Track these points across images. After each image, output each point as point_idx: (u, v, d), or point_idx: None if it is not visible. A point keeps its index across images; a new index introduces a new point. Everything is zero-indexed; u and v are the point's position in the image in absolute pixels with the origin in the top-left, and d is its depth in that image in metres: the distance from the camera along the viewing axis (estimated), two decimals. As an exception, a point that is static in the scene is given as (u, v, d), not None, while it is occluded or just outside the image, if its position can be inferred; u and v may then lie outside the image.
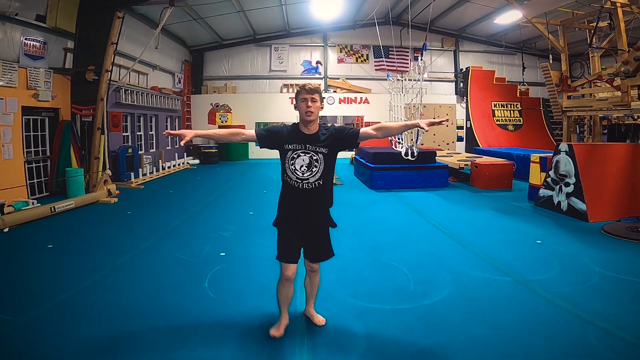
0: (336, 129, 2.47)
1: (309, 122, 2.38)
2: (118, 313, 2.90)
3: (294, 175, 2.38)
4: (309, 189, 2.38)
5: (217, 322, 2.77)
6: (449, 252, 4.28)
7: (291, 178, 2.39)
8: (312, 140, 2.39)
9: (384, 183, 8.35)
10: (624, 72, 6.64)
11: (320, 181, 2.39)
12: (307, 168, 2.37)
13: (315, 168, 2.38)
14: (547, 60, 10.08)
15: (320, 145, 2.39)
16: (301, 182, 2.37)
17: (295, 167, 2.38)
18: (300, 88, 2.40)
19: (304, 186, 2.38)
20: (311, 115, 2.35)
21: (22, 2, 6.91)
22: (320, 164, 2.38)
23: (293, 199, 2.44)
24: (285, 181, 2.44)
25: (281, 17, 13.91)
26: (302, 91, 2.37)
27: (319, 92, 2.40)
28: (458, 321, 2.75)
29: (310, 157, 2.37)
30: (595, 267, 3.74)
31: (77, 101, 7.96)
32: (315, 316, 2.75)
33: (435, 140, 14.94)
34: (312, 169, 2.38)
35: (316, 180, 2.38)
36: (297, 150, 2.38)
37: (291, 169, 2.39)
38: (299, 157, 2.38)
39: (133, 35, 10.59)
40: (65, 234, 5.12)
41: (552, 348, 2.40)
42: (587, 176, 5.67)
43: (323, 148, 2.39)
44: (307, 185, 2.38)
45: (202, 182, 9.80)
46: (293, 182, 2.39)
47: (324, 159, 2.39)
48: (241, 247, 4.49)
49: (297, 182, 2.38)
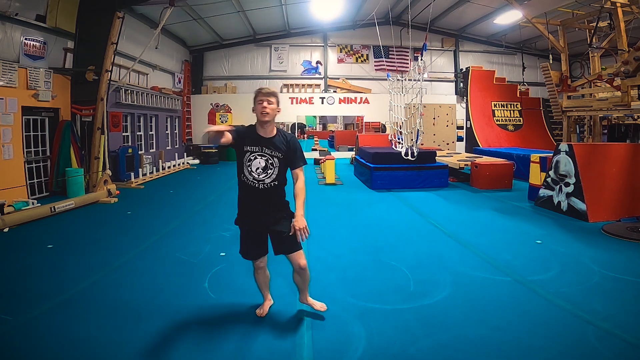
0: (291, 146, 2.55)
1: (265, 122, 2.47)
2: (118, 313, 2.90)
3: (250, 175, 2.48)
4: (265, 189, 2.49)
5: (217, 322, 2.77)
6: (449, 252, 4.28)
7: (248, 178, 2.48)
8: (269, 144, 2.49)
9: (384, 183, 8.34)
10: (624, 72, 6.64)
11: (276, 182, 2.51)
12: (262, 170, 2.48)
13: (270, 170, 2.49)
14: (547, 60, 10.09)
15: (275, 150, 2.49)
16: (257, 182, 2.47)
17: (252, 168, 2.47)
18: (257, 91, 2.50)
19: (259, 186, 2.48)
20: (266, 116, 2.45)
21: (22, 2, 6.91)
22: (276, 167, 2.49)
23: (251, 197, 2.52)
24: (242, 180, 2.52)
25: (281, 17, 13.91)
26: (259, 94, 2.48)
27: (276, 96, 2.52)
28: (458, 321, 2.75)
29: (266, 161, 2.48)
30: (595, 267, 3.74)
31: (77, 101, 7.97)
32: (315, 303, 2.84)
33: (435, 140, 14.93)
34: (268, 171, 2.48)
35: (272, 181, 2.49)
36: (255, 153, 2.47)
37: (248, 170, 2.48)
38: (256, 159, 2.47)
39: (133, 35, 10.59)
40: (65, 234, 5.12)
41: (552, 348, 2.40)
42: (587, 176, 5.67)
43: (279, 153, 2.50)
44: (262, 186, 2.48)
45: (202, 182, 9.80)
46: (250, 181, 2.48)
47: (279, 163, 2.50)
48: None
49: (254, 182, 2.48)
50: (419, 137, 7.75)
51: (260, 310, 2.86)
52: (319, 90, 15.79)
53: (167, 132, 13.31)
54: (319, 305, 2.84)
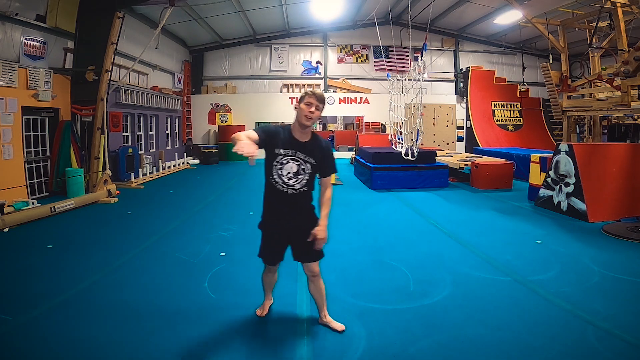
0: (326, 152, 2.45)
1: (306, 127, 2.34)
2: (118, 313, 2.90)
3: (280, 179, 2.36)
4: (294, 194, 2.38)
5: (217, 322, 2.77)
6: (449, 252, 4.28)
7: (277, 182, 2.37)
8: (304, 149, 2.36)
9: (384, 183, 8.34)
10: (624, 72, 6.64)
11: (305, 188, 2.40)
12: (293, 175, 2.36)
13: (302, 176, 2.37)
14: (547, 60, 10.09)
15: (310, 156, 2.37)
16: (287, 187, 2.36)
17: (282, 172, 2.35)
18: (311, 93, 2.35)
19: (288, 191, 2.37)
20: (310, 121, 2.32)
21: (22, 2, 6.91)
22: (307, 174, 2.38)
23: (278, 201, 2.42)
24: (270, 183, 2.41)
25: (281, 17, 13.91)
26: (312, 96, 2.33)
27: (324, 103, 2.39)
28: (458, 321, 2.75)
29: (298, 166, 2.36)
30: (595, 267, 3.74)
31: (77, 101, 7.96)
32: (333, 323, 2.70)
33: (435, 140, 14.93)
34: (299, 177, 2.37)
35: (301, 187, 2.38)
36: (288, 156, 2.35)
37: (278, 173, 2.36)
38: (288, 163, 2.35)
39: (133, 35, 10.59)
40: (65, 234, 5.12)
41: (552, 348, 2.40)
42: (587, 176, 5.67)
43: (312, 159, 2.38)
44: (291, 191, 2.37)
45: (202, 182, 9.80)
46: (279, 185, 2.37)
47: (311, 169, 2.39)
48: (241, 247, 4.48)
49: (283, 187, 2.37)
50: (419, 137, 7.75)
51: (260, 310, 2.85)
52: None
53: (167, 132, 13.31)
54: (337, 326, 2.67)
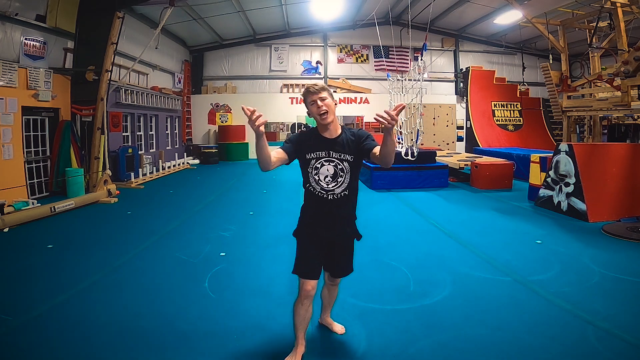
0: (361, 135, 2.21)
1: (328, 123, 2.14)
2: (118, 313, 2.90)
3: (318, 185, 2.16)
4: (335, 199, 2.17)
5: (217, 322, 2.77)
6: (449, 252, 4.28)
7: (315, 188, 2.17)
8: (336, 147, 2.15)
9: (384, 183, 8.35)
10: (624, 72, 6.64)
11: (347, 191, 2.18)
12: (332, 179, 2.15)
13: (341, 178, 2.16)
14: (547, 60, 10.08)
15: (344, 152, 2.15)
16: (326, 192, 2.16)
17: (319, 177, 2.15)
18: (305, 91, 2.17)
19: (329, 197, 2.16)
20: (327, 116, 2.11)
21: (22, 2, 6.90)
22: (346, 174, 2.16)
23: (318, 209, 2.21)
24: (309, 190, 2.21)
25: (281, 17, 13.91)
26: (308, 94, 2.15)
27: (327, 89, 2.16)
28: (458, 321, 2.75)
29: (335, 167, 2.14)
30: (595, 267, 3.74)
31: (77, 101, 7.96)
32: (334, 325, 2.65)
33: (435, 140, 14.94)
34: (338, 179, 2.15)
35: (342, 190, 2.17)
36: (321, 159, 2.15)
37: (315, 179, 2.16)
38: (323, 166, 2.15)
39: (133, 35, 10.58)
40: (65, 234, 5.12)
41: (552, 348, 2.40)
42: (587, 176, 5.67)
43: (348, 155, 2.16)
44: (332, 196, 2.16)
45: (202, 182, 9.80)
46: (317, 192, 2.17)
47: (350, 168, 2.17)
48: (241, 247, 4.49)
49: (322, 193, 2.16)
50: (419, 137, 7.75)
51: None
52: (319, 90, 15.76)
53: (167, 132, 13.31)
54: (338, 328, 2.62)
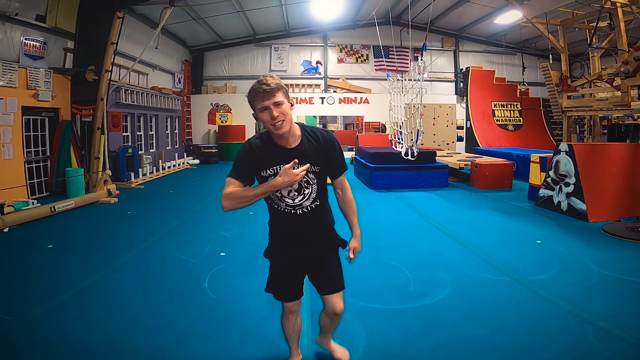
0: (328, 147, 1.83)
1: (283, 134, 1.73)
2: (118, 313, 2.90)
3: (282, 202, 1.83)
4: (306, 213, 1.85)
5: (217, 322, 2.77)
6: (449, 252, 4.28)
7: (280, 205, 1.84)
8: (297, 157, 1.71)
9: (384, 183, 8.34)
10: (624, 72, 6.64)
11: (317, 202, 1.85)
12: (297, 193, 1.81)
13: (308, 190, 1.81)
14: (547, 60, 10.08)
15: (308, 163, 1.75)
16: (293, 208, 1.83)
17: (282, 193, 1.80)
18: (253, 94, 1.71)
19: (297, 212, 1.84)
20: (281, 127, 1.69)
21: (22, 2, 6.91)
22: (313, 184, 1.82)
23: (287, 226, 1.89)
24: (273, 208, 1.88)
25: (281, 17, 13.91)
26: (257, 97, 1.70)
27: (281, 88, 1.71)
28: (458, 321, 2.75)
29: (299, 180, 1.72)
30: (595, 267, 3.74)
31: (77, 101, 7.96)
32: (336, 349, 2.30)
33: (435, 140, 14.93)
34: (304, 192, 1.81)
35: (311, 202, 1.84)
36: None
37: (278, 196, 1.82)
38: None
39: (133, 35, 10.59)
40: (65, 234, 5.12)
41: (552, 348, 2.40)
42: (587, 176, 5.67)
43: (313, 165, 1.79)
44: (301, 210, 1.84)
45: (202, 182, 9.80)
46: (283, 209, 1.84)
47: (316, 177, 1.83)
48: (241, 247, 4.48)
49: (289, 209, 1.83)
50: (419, 137, 7.75)
51: None
52: (319, 90, 15.76)
53: (167, 132, 13.31)
54: (341, 353, 2.29)
